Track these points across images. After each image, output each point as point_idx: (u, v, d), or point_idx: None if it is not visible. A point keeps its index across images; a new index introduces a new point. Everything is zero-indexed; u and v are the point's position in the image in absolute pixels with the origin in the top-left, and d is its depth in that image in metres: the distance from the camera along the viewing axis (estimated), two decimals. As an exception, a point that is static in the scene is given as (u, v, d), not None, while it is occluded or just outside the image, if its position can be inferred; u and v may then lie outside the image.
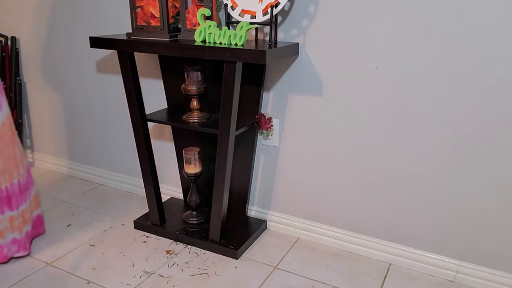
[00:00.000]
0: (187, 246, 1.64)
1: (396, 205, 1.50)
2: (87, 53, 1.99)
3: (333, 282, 1.45)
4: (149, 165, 1.64)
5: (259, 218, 1.77)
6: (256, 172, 1.73)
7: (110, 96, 2.00)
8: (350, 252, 1.62)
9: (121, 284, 1.43)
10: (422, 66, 1.32)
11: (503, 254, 1.38)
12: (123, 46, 1.46)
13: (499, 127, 1.28)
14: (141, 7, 1.47)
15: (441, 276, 1.48)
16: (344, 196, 1.59)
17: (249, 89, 1.57)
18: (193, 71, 1.50)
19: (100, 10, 1.86)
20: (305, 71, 1.50)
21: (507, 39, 1.20)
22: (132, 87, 1.53)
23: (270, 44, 1.34)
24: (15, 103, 2.22)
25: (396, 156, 1.45)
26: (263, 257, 1.58)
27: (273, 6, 1.33)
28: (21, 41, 2.17)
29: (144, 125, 1.59)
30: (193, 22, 1.43)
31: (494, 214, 1.36)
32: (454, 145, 1.35)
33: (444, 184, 1.40)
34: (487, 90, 1.26)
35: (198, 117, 1.56)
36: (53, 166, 2.33)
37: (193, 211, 1.74)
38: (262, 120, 1.56)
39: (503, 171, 1.31)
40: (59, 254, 1.58)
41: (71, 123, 2.18)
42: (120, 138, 2.05)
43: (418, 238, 1.50)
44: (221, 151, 1.45)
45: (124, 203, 1.98)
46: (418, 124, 1.38)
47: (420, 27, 1.29)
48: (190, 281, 1.45)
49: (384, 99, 1.41)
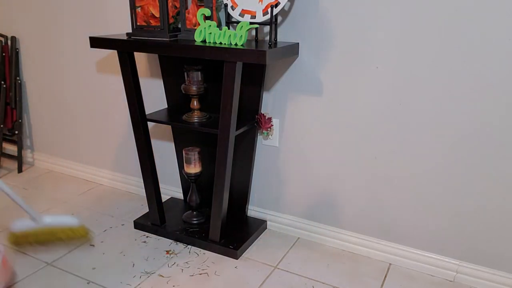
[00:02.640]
0: (187, 246, 1.64)
1: (396, 205, 1.50)
2: (87, 53, 1.99)
3: (333, 282, 1.45)
4: (149, 165, 1.64)
5: (259, 218, 1.77)
6: (256, 172, 1.73)
7: (110, 96, 2.00)
8: (350, 252, 1.62)
9: (121, 284, 1.43)
10: (422, 66, 1.32)
11: (503, 254, 1.38)
12: (123, 46, 1.46)
13: (499, 127, 1.28)
14: (141, 7, 1.47)
15: (441, 276, 1.48)
16: (344, 196, 1.59)
17: (249, 89, 1.57)
18: (193, 71, 1.50)
19: (100, 10, 1.86)
20: (305, 71, 1.50)
21: (507, 39, 1.20)
22: (132, 87, 1.53)
23: (270, 44, 1.34)
24: (15, 103, 2.22)
25: (396, 156, 1.45)
26: (263, 257, 1.58)
27: (273, 6, 1.33)
28: (21, 41, 2.17)
29: (144, 125, 1.59)
30: (193, 22, 1.43)
31: (494, 214, 1.36)
32: (454, 145, 1.35)
33: (444, 184, 1.40)
34: (487, 90, 1.26)
35: (198, 117, 1.56)
36: (53, 166, 2.33)
37: (193, 211, 1.74)
38: (262, 120, 1.56)
39: (503, 171, 1.31)
40: (59, 254, 1.58)
41: (71, 123, 2.18)
42: (120, 138, 2.05)
43: (418, 238, 1.50)
44: (221, 151, 1.45)
45: (124, 203, 1.98)
46: (418, 124, 1.38)
47: (420, 27, 1.29)
48: (190, 281, 1.45)
49: (384, 99, 1.41)
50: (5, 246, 1.52)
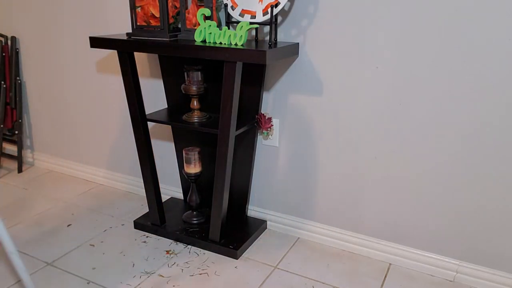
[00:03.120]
0: (187, 246, 1.64)
1: (396, 205, 1.50)
2: (87, 53, 1.99)
3: (333, 282, 1.45)
4: (149, 165, 1.64)
5: (259, 218, 1.77)
6: (256, 172, 1.73)
7: (110, 96, 2.00)
8: (350, 252, 1.62)
9: (121, 284, 1.43)
10: (422, 66, 1.32)
11: (503, 254, 1.38)
12: (123, 46, 1.46)
13: (499, 128, 1.28)
14: (141, 7, 1.47)
15: (441, 276, 1.48)
16: (344, 196, 1.59)
17: (249, 89, 1.57)
18: (193, 71, 1.50)
19: (100, 10, 1.86)
20: (305, 71, 1.50)
21: (507, 39, 1.20)
22: (132, 87, 1.53)
23: (270, 44, 1.34)
24: (15, 103, 2.22)
25: (396, 156, 1.45)
26: (263, 257, 1.58)
27: (273, 6, 1.33)
28: (21, 41, 2.17)
29: (144, 125, 1.59)
30: (193, 22, 1.43)
31: (494, 214, 1.36)
32: (454, 145, 1.35)
33: (444, 184, 1.40)
34: (487, 90, 1.26)
35: (198, 117, 1.56)
36: (53, 166, 2.33)
37: (193, 211, 1.74)
38: (262, 120, 1.56)
39: (503, 171, 1.31)
40: (59, 254, 1.58)
41: (71, 123, 2.18)
42: (120, 138, 2.05)
43: (418, 238, 1.50)
44: (221, 151, 1.45)
45: (124, 203, 1.98)
46: (418, 124, 1.38)
47: (420, 27, 1.29)
48: (190, 281, 1.45)
49: (384, 99, 1.41)
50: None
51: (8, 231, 1.72)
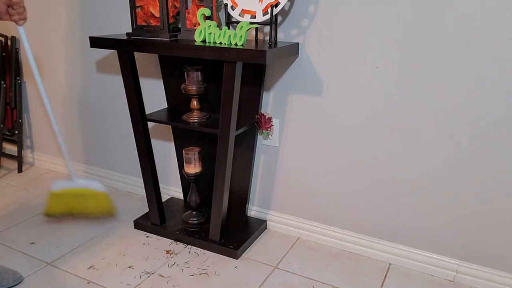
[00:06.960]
0: (187, 246, 1.64)
1: (396, 205, 1.50)
2: (87, 53, 1.99)
3: (333, 282, 1.45)
4: (149, 165, 1.64)
5: (259, 218, 1.77)
6: (256, 172, 1.73)
7: (110, 96, 2.00)
8: (350, 252, 1.62)
9: (121, 284, 1.43)
10: (422, 66, 1.32)
11: (503, 254, 1.38)
12: (123, 46, 1.46)
13: (499, 128, 1.28)
14: (141, 7, 1.47)
15: (441, 276, 1.48)
16: (344, 196, 1.59)
17: (249, 89, 1.57)
18: (193, 71, 1.50)
19: (100, 10, 1.86)
20: (305, 71, 1.50)
21: (507, 39, 1.20)
22: (132, 87, 1.53)
23: (270, 44, 1.34)
24: (15, 103, 2.22)
25: (396, 156, 1.45)
26: (263, 257, 1.58)
27: (273, 6, 1.33)
28: (21, 41, 2.17)
29: (144, 125, 1.59)
30: (193, 22, 1.43)
31: (494, 214, 1.36)
32: (454, 145, 1.35)
33: (444, 184, 1.40)
34: (487, 90, 1.26)
35: (198, 117, 1.56)
36: (53, 166, 2.33)
37: (193, 211, 1.74)
38: (262, 120, 1.56)
39: (503, 171, 1.31)
40: (59, 254, 1.58)
41: (71, 123, 2.18)
42: (120, 138, 2.05)
43: (418, 238, 1.50)
44: (221, 151, 1.45)
45: (124, 203, 1.98)
46: (418, 124, 1.38)
47: (420, 27, 1.29)
48: (190, 281, 1.45)
49: (384, 99, 1.41)
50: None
51: (8, 230, 1.73)
